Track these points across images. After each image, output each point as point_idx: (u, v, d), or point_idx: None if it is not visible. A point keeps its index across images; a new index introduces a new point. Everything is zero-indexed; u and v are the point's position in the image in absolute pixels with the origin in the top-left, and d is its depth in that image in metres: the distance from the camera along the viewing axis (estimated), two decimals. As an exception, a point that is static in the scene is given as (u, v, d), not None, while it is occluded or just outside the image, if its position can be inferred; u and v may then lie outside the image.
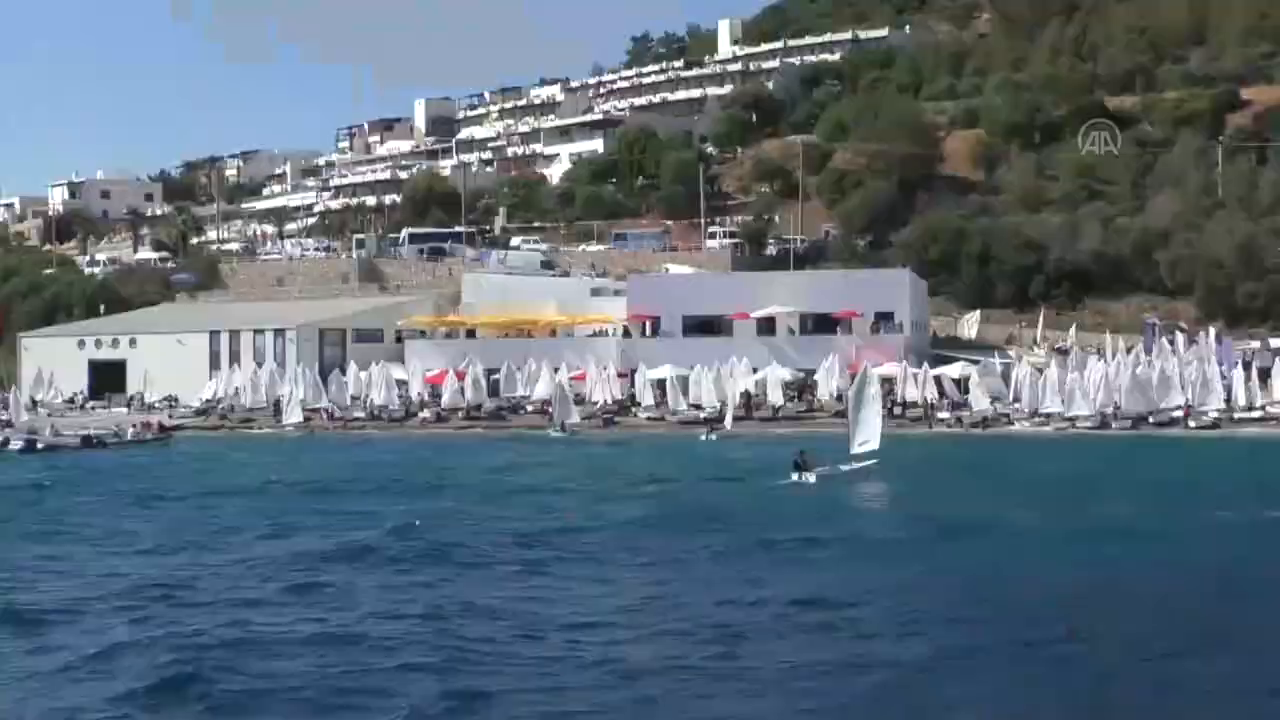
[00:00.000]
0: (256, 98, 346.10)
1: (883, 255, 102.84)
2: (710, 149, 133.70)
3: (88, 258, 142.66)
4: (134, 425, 78.75)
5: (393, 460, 63.68)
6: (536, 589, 30.33)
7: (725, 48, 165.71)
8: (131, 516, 44.65)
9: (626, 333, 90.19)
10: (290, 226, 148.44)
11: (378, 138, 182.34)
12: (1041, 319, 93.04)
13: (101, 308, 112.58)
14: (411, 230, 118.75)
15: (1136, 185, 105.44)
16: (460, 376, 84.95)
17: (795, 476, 49.30)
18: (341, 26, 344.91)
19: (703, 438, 73.06)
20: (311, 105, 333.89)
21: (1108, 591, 29.73)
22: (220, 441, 78.48)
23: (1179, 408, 72.45)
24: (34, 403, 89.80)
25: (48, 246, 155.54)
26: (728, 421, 74.92)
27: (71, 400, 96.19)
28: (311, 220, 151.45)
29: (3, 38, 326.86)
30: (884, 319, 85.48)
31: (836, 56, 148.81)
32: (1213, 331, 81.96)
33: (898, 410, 77.92)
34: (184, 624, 26.58)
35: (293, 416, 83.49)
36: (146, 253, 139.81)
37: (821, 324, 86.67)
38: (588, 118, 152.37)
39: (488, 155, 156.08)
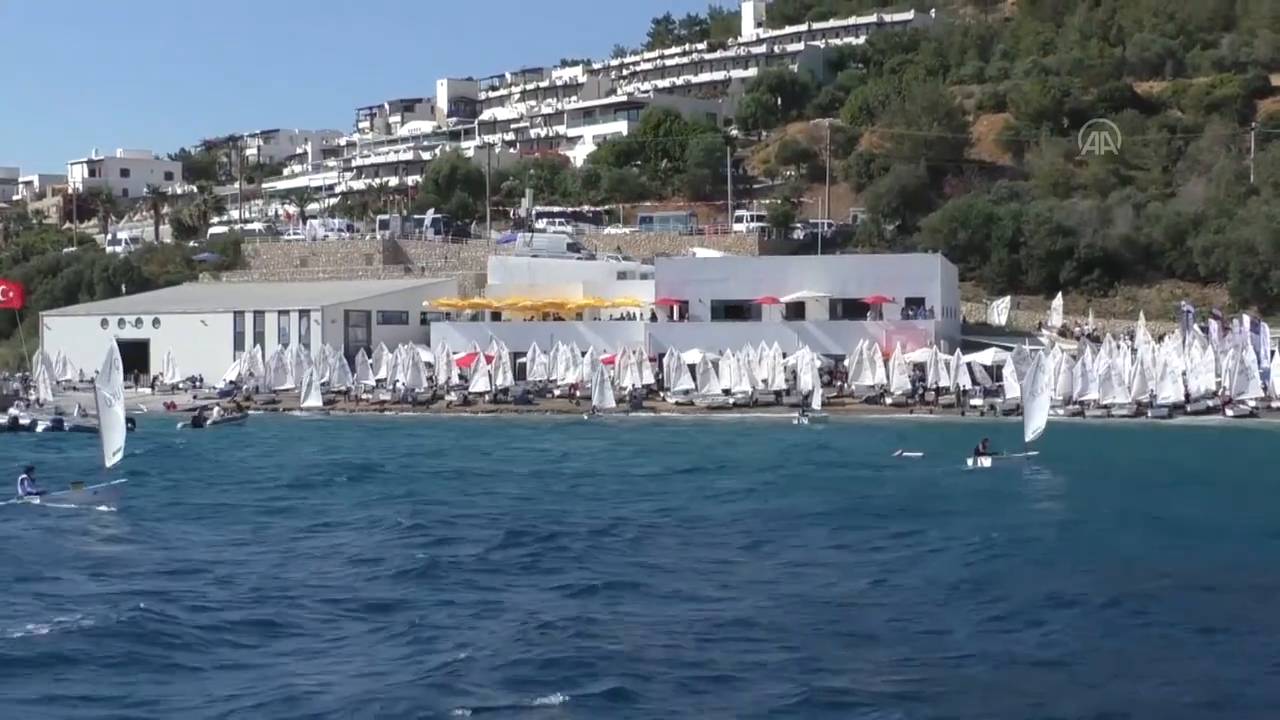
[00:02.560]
0: (276, 77, 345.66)
1: (911, 239, 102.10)
2: (735, 132, 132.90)
3: (109, 236, 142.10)
4: (219, 405, 79.40)
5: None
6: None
7: (749, 30, 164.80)
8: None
9: (654, 316, 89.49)
10: (312, 206, 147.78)
11: (398, 118, 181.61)
12: (1059, 304, 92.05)
13: (123, 287, 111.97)
14: (539, 209, 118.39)
15: (1167, 171, 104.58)
16: (489, 360, 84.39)
17: (970, 463, 49.29)
18: (362, 4, 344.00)
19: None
20: (331, 85, 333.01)
21: None
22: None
23: (1213, 395, 71.80)
24: (26, 384, 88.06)
25: (68, 225, 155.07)
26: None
27: (86, 381, 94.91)
28: (333, 200, 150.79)
29: (24, 17, 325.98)
30: (915, 304, 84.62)
31: (861, 39, 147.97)
32: (1247, 319, 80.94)
33: (930, 397, 77.62)
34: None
35: (313, 398, 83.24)
36: (217, 227, 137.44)
37: (851, 309, 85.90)
38: (611, 100, 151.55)
39: (510, 136, 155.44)
